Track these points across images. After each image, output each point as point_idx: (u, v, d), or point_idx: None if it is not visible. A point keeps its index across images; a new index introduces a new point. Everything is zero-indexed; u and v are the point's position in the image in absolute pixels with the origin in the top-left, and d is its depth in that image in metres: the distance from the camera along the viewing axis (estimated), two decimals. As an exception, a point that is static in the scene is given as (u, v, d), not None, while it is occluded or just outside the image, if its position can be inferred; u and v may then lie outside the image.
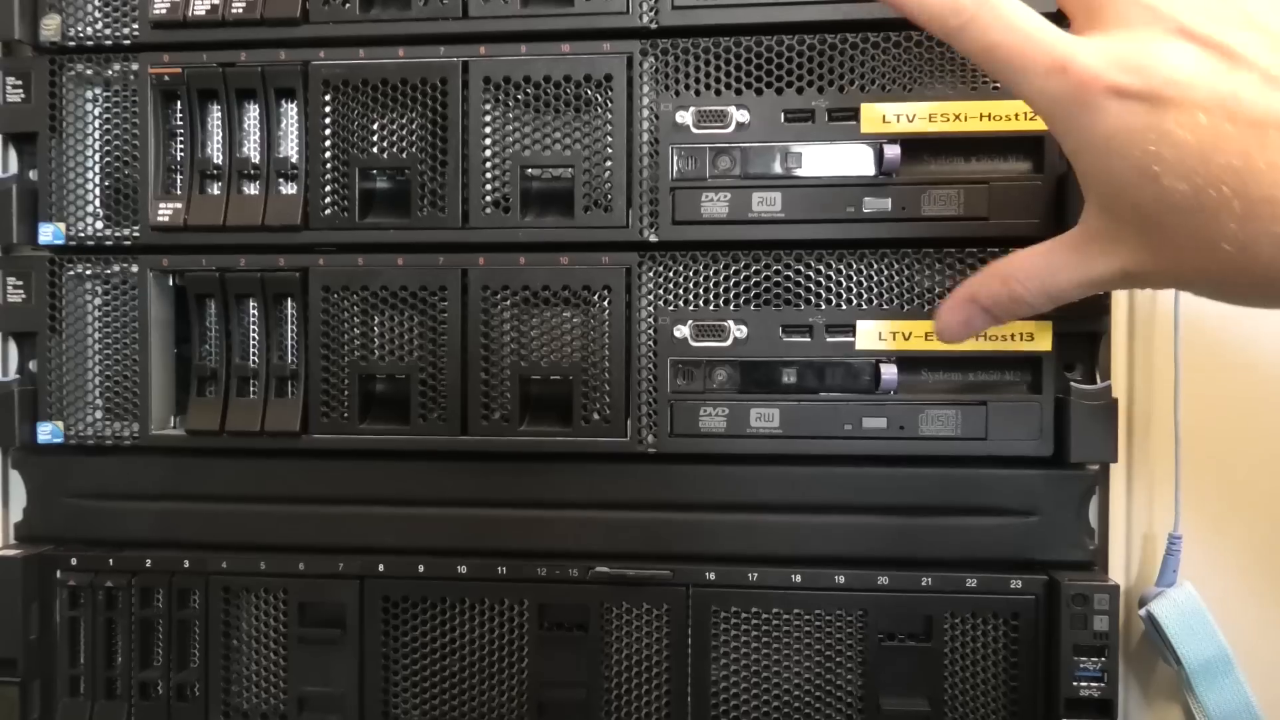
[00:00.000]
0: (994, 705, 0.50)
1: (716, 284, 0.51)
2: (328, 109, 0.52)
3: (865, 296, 0.50)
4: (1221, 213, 0.33)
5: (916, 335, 0.50)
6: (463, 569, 0.52)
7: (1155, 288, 0.40)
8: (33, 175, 0.55)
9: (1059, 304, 0.40)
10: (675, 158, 0.50)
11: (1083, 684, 0.48)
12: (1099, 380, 0.49)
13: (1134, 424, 0.51)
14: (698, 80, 0.50)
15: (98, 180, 0.55)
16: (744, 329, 0.50)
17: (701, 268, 0.51)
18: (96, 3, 0.54)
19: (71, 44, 0.54)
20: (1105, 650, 0.48)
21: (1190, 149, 0.32)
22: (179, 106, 0.54)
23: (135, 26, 0.53)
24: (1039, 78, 0.35)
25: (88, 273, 0.55)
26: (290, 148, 0.54)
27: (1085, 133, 0.35)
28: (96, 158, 0.55)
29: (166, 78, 0.53)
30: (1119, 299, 0.50)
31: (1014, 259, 0.40)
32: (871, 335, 0.50)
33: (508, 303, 0.51)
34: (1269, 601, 0.50)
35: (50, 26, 0.54)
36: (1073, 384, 0.49)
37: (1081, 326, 0.49)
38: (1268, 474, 0.51)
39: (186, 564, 0.54)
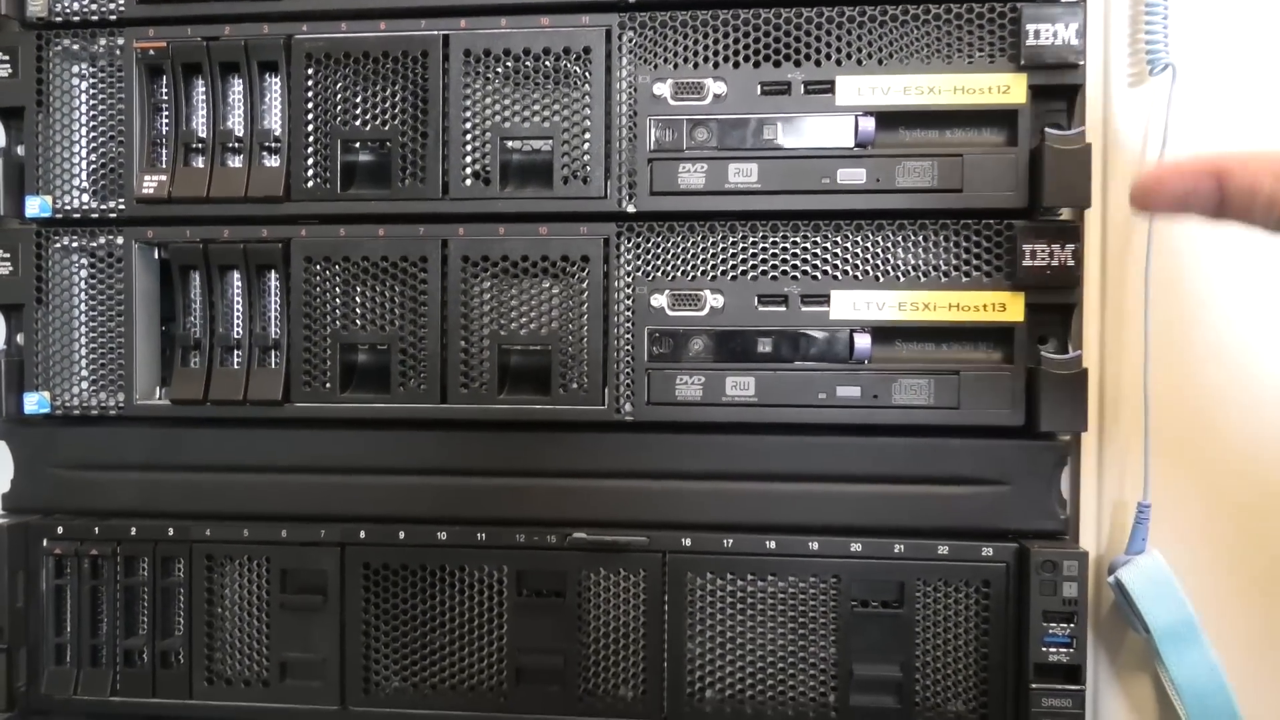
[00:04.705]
0: (965, 671, 0.51)
1: (693, 254, 0.51)
2: (310, 82, 0.53)
3: (840, 267, 0.51)
4: None
5: (890, 305, 0.50)
6: (442, 536, 0.53)
7: None
8: (20, 150, 0.56)
9: None
10: (653, 129, 0.51)
11: (1051, 649, 0.48)
12: (1070, 351, 0.50)
13: (1105, 394, 0.51)
14: (675, 53, 0.51)
15: (84, 154, 0.55)
16: (720, 299, 0.51)
17: (679, 238, 0.51)
18: (83, -22, 0.55)
19: (58, 19, 0.55)
20: (1074, 616, 0.48)
21: None
22: (164, 80, 0.54)
23: (121, 1, 0.54)
24: None
25: (74, 245, 0.55)
26: (273, 121, 0.54)
27: None
28: (83, 131, 0.55)
29: (152, 52, 0.54)
30: (1090, 270, 0.51)
31: None
32: (846, 305, 0.50)
33: (487, 273, 0.52)
34: (1236, 569, 0.51)
35: (37, 2, 0.55)
36: (1044, 354, 0.49)
37: (1054, 298, 0.50)
38: (1235, 442, 0.51)
39: (171, 532, 0.55)
